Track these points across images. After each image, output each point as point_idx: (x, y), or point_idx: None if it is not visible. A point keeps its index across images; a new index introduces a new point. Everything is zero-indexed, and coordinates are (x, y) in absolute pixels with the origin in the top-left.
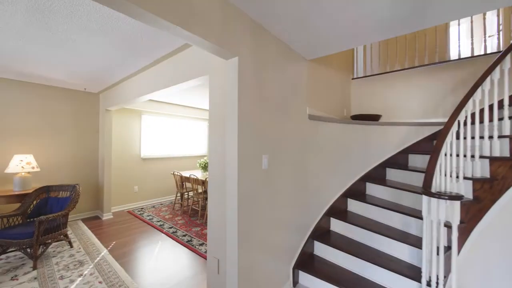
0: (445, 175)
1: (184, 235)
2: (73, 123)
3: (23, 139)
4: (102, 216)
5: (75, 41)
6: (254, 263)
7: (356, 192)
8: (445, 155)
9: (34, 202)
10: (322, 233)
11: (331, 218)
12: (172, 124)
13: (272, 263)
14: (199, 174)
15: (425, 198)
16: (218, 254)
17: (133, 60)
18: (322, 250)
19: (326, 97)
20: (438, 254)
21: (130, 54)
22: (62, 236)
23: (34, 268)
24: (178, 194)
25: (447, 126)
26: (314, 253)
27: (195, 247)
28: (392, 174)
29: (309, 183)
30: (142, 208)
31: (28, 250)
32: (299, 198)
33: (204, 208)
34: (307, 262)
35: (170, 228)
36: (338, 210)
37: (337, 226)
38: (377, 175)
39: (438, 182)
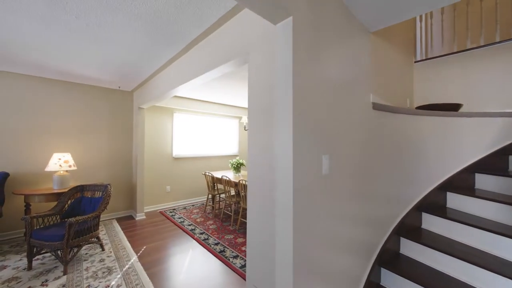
0: None
1: (216, 244)
2: (109, 122)
3: (62, 138)
4: (136, 216)
5: (99, 26)
6: None
7: (433, 204)
8: None
9: (69, 202)
10: (390, 258)
11: (401, 238)
12: (203, 122)
13: None
14: (231, 175)
15: None
16: (260, 284)
17: (162, 48)
18: (391, 281)
19: (387, 83)
20: None
21: (159, 40)
22: (94, 239)
23: (65, 273)
24: (210, 196)
25: None
26: (381, 283)
27: (229, 259)
28: (484, 181)
29: (374, 192)
30: (173, 209)
31: (59, 252)
32: (363, 211)
33: (237, 212)
34: None
35: (202, 234)
36: (409, 228)
37: (409, 248)
38: (461, 183)
39: None
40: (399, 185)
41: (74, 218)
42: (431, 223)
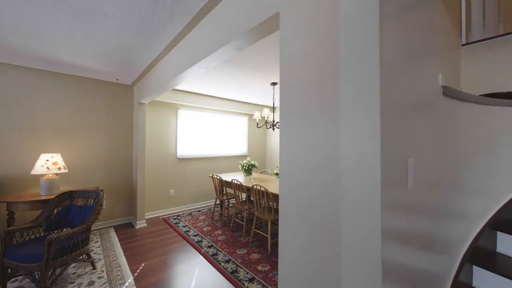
0: None
1: (227, 261)
2: (106, 119)
3: (51, 136)
4: (136, 224)
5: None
6: None
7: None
8: None
9: (56, 211)
10: None
11: (474, 268)
12: (209, 119)
13: None
14: (241, 178)
15: None
16: None
17: (163, 22)
18: None
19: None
20: None
21: (158, 11)
22: (83, 256)
23: None
24: (217, 201)
25: None
26: None
27: (244, 284)
28: None
29: (448, 204)
30: (177, 216)
31: (37, 275)
32: (439, 232)
33: (249, 221)
34: None
35: (210, 247)
36: (482, 253)
37: (487, 283)
38: None
39: None
40: (467, 196)
41: (55, 234)
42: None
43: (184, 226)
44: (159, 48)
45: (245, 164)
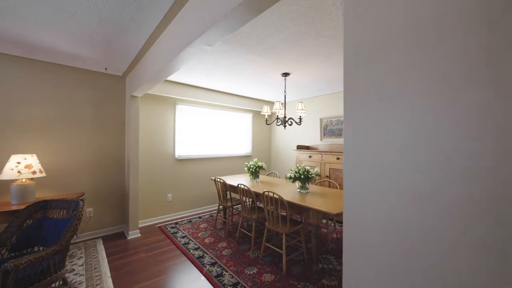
0: None
1: (235, 285)
2: (93, 114)
3: (26, 135)
4: (128, 234)
5: None
6: None
7: None
8: None
9: (26, 224)
10: None
11: None
12: (211, 116)
13: None
14: (246, 181)
15: None
16: None
17: None
18: None
19: None
20: None
21: None
22: (58, 283)
23: None
24: (220, 207)
25: None
26: None
27: None
28: None
29: None
30: (176, 223)
31: None
32: None
33: (258, 232)
34: None
35: (213, 264)
36: None
37: None
38: None
39: None
40: None
41: (14, 261)
42: None
43: (183, 237)
44: (151, 24)
45: (252, 166)
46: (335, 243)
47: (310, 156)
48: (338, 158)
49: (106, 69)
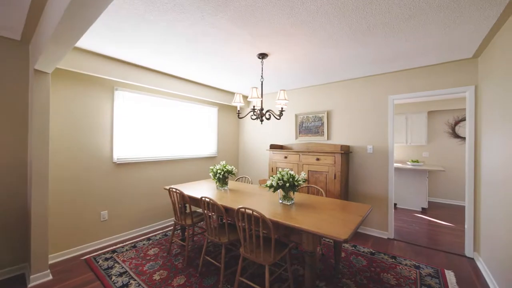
0: None
1: None
2: None
3: None
4: (29, 279)
5: None
6: None
7: None
8: None
9: None
10: None
11: None
12: (165, 108)
13: None
14: (212, 190)
15: None
16: None
17: None
18: None
19: None
20: None
21: None
22: None
23: None
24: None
25: None
26: None
27: None
28: None
29: None
30: (113, 252)
31: None
32: None
33: (232, 260)
34: None
35: None
36: None
37: None
38: None
39: None
40: None
41: None
42: None
43: (120, 275)
44: None
45: (219, 171)
46: (322, 261)
47: (285, 157)
48: (318, 159)
49: None
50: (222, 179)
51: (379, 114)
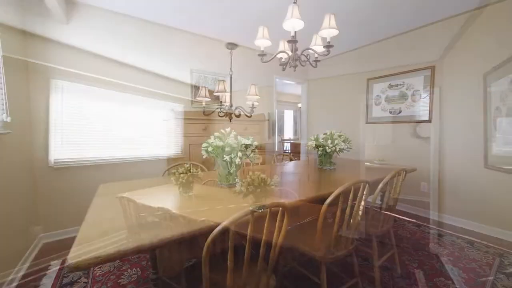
0: None
1: None
2: None
3: None
4: None
5: None
6: None
7: None
8: None
9: None
10: None
11: None
12: (118, 103)
13: None
14: (172, 197)
15: None
16: None
17: None
18: None
19: None
20: None
21: None
22: None
23: None
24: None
25: None
26: None
27: None
28: None
29: None
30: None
31: None
32: None
33: None
34: None
35: None
36: None
37: None
38: None
39: None
40: None
41: None
42: None
43: None
44: None
45: (181, 174)
46: None
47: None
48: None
49: None
50: (186, 184)
51: None
